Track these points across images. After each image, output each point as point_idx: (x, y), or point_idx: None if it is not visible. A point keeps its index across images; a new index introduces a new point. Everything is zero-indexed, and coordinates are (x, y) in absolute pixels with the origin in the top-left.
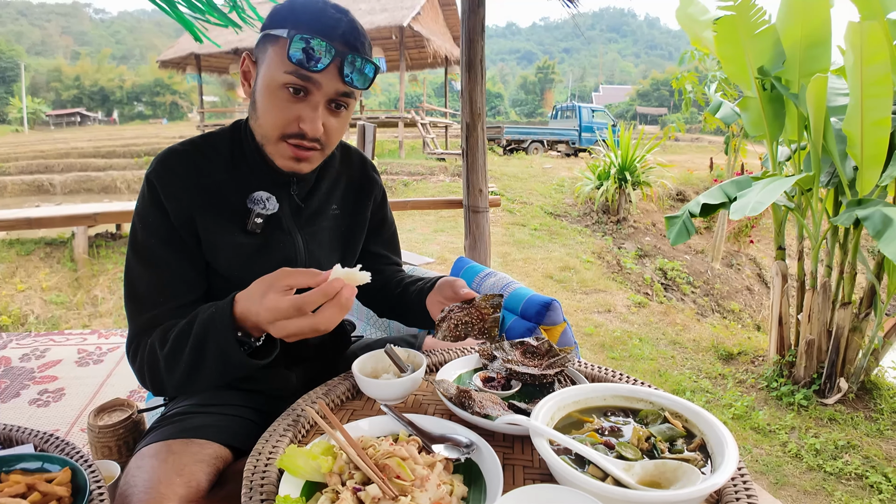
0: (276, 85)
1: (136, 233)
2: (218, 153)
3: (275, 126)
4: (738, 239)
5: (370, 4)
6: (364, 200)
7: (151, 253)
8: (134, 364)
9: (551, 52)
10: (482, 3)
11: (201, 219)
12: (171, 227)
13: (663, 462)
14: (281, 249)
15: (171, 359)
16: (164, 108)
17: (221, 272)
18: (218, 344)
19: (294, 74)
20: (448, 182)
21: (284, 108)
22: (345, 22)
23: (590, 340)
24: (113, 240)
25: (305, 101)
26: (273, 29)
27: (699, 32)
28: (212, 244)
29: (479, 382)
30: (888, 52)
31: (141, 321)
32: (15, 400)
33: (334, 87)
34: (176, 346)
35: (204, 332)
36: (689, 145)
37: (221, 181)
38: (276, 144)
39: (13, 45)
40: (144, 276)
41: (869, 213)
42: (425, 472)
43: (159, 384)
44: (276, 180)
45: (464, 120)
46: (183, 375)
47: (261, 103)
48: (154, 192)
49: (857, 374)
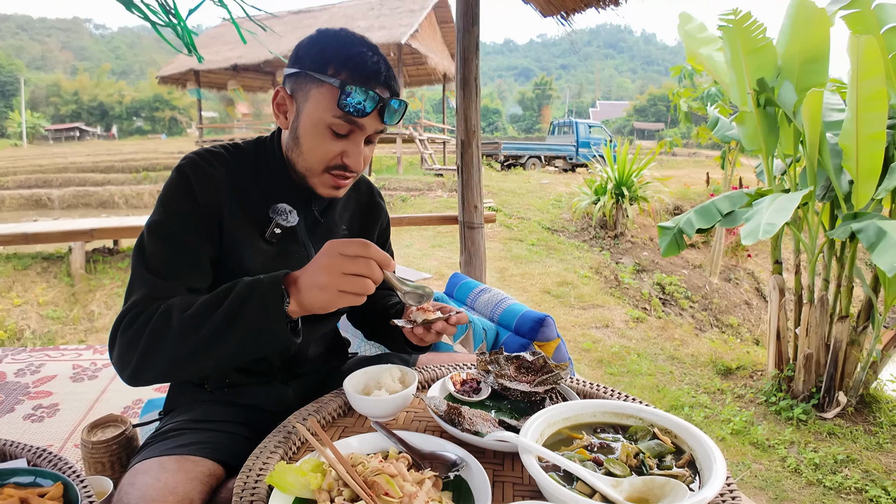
0: (323, 125)
1: (157, 215)
2: (246, 161)
3: (321, 161)
4: (735, 253)
5: (369, 22)
6: (371, 225)
7: (171, 233)
8: (126, 331)
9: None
10: (476, 21)
11: (228, 214)
12: (195, 213)
13: (651, 478)
14: (295, 261)
15: (192, 322)
16: (163, 124)
17: (237, 272)
18: (263, 304)
19: (342, 119)
20: (446, 197)
21: (330, 145)
22: (383, 66)
23: (588, 356)
24: (110, 255)
25: (349, 140)
26: (316, 72)
27: (695, 49)
28: (233, 242)
29: (451, 386)
30: (884, 67)
31: (150, 290)
32: (9, 415)
33: (374, 127)
34: (203, 310)
35: (248, 293)
36: (686, 160)
37: (248, 186)
38: (320, 176)
39: (13, 60)
40: (157, 252)
41: (863, 226)
42: (414, 489)
43: (152, 356)
44: (298, 196)
45: (459, 137)
46: (201, 340)
47: (306, 139)
48: (186, 182)
49: (856, 387)
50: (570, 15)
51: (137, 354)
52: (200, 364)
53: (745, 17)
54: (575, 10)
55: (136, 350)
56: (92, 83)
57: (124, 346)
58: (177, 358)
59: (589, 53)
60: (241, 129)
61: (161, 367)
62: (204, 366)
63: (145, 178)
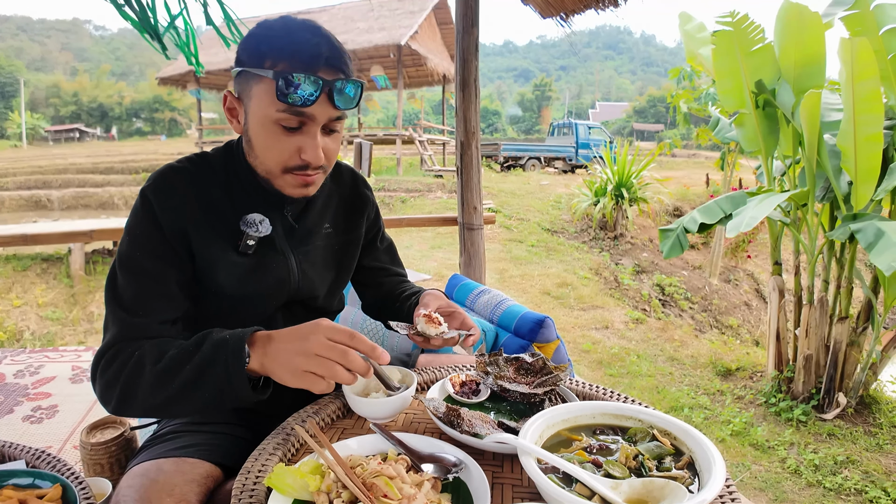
0: (269, 122)
1: (124, 245)
2: (214, 172)
3: (277, 162)
4: (735, 254)
5: (368, 23)
6: (356, 219)
7: (137, 265)
8: (105, 372)
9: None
10: (476, 23)
11: (196, 234)
12: (161, 241)
13: (651, 480)
14: (274, 270)
15: (164, 375)
16: (163, 125)
17: (215, 289)
18: (226, 367)
19: (287, 112)
20: (445, 199)
21: (283, 143)
22: (324, 46)
23: (587, 357)
24: (110, 256)
25: (302, 133)
26: (252, 67)
27: (695, 49)
28: (206, 260)
29: (451, 387)
30: (878, 68)
31: (123, 329)
32: (8, 416)
33: (327, 115)
34: (172, 365)
35: (212, 356)
36: (685, 161)
37: (217, 199)
38: (282, 177)
39: (13, 61)
40: (129, 287)
41: (862, 227)
42: (413, 491)
43: (130, 400)
44: (269, 201)
45: (458, 138)
46: (171, 394)
47: (257, 141)
48: (148, 207)
49: (856, 388)
50: (569, 16)
51: (115, 397)
52: (176, 412)
53: (743, 18)
54: (574, 12)
55: (114, 392)
56: (92, 84)
57: (104, 386)
58: (153, 405)
59: (588, 55)
60: None
61: (139, 410)
62: (180, 413)
63: (145, 179)
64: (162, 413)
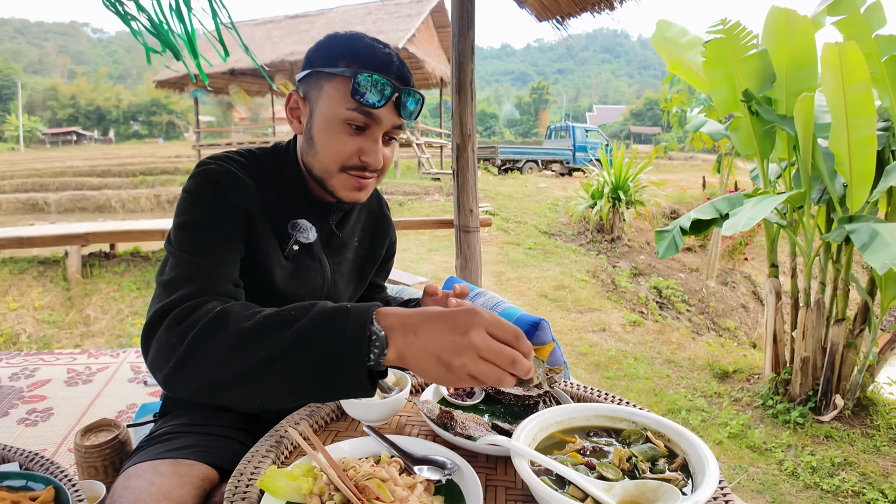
0: (337, 121)
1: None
2: (263, 172)
3: (337, 160)
4: (732, 257)
5: (366, 27)
6: (380, 238)
7: (207, 228)
8: (170, 329)
9: (545, 73)
10: (472, 26)
11: (255, 225)
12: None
13: (644, 482)
14: (311, 276)
15: (251, 337)
16: (161, 128)
17: (254, 285)
18: (344, 333)
19: (357, 111)
20: (443, 201)
21: (345, 142)
22: (395, 58)
23: (584, 360)
24: (106, 259)
25: (365, 135)
26: (327, 67)
27: (681, 55)
28: (256, 252)
29: (445, 389)
30: (867, 71)
31: (204, 279)
32: (3, 419)
33: (391, 121)
34: (268, 325)
35: (325, 321)
36: (682, 164)
37: (270, 198)
38: (338, 176)
39: (10, 64)
40: (202, 243)
41: (857, 228)
42: (405, 494)
43: (195, 364)
44: (314, 207)
45: (454, 141)
46: (253, 364)
47: (320, 139)
48: (214, 184)
49: (853, 390)
50: (565, 19)
51: (176, 359)
52: (242, 395)
53: (735, 25)
54: (570, 15)
55: (175, 353)
56: (89, 87)
57: (162, 346)
58: (220, 380)
59: (586, 58)
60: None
61: (197, 382)
62: (247, 398)
63: (142, 182)
64: (224, 393)
